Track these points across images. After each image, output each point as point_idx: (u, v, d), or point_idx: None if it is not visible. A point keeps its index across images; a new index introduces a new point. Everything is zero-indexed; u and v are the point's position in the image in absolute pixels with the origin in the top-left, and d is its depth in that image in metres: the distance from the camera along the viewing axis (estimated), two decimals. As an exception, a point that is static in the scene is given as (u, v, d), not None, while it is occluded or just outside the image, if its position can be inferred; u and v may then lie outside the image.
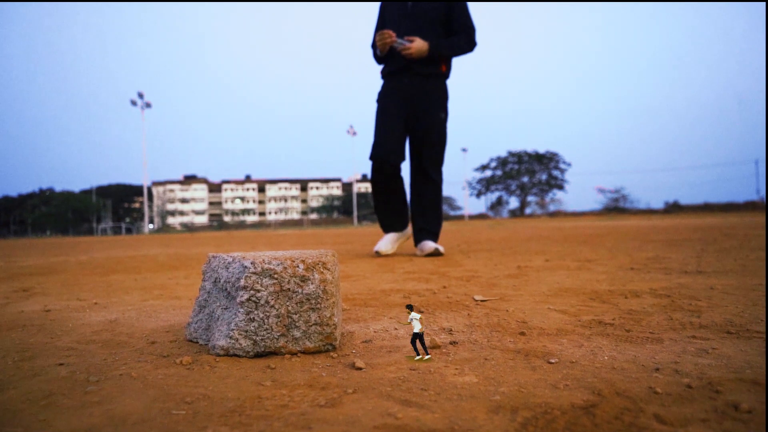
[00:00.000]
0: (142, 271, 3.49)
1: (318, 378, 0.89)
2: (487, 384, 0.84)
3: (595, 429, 0.65)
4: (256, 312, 1.04)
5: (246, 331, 1.04)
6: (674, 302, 1.53)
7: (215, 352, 1.05)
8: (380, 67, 4.07)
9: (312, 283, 1.06)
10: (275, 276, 1.05)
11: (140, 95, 45.21)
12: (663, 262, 2.73)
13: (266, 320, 1.04)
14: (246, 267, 1.05)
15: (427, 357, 0.99)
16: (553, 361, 0.95)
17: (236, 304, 1.05)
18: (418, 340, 1.01)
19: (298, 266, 1.06)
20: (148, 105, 45.58)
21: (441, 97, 3.92)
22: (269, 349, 1.04)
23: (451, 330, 1.24)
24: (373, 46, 4.03)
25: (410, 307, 1.02)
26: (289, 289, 1.05)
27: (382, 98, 3.97)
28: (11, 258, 6.47)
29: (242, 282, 1.04)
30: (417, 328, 1.00)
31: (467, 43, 3.84)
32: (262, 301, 1.04)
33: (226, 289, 1.11)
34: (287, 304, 1.05)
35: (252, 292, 1.04)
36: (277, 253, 1.15)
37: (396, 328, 1.29)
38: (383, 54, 3.84)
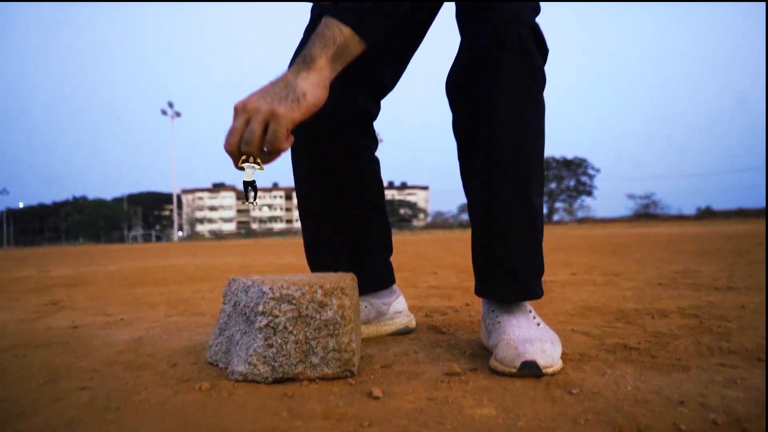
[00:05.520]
0: (169, 284, 3.54)
1: (334, 408, 0.89)
2: (505, 416, 0.83)
3: (614, 472, 0.63)
4: (274, 338, 1.04)
5: (264, 357, 1.04)
6: (702, 323, 1.49)
7: (234, 378, 1.05)
8: None
9: (330, 309, 1.05)
10: (293, 302, 1.05)
11: (170, 105, 46.07)
12: (692, 277, 2.67)
13: (284, 346, 1.04)
14: (265, 292, 1.05)
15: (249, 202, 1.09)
16: (574, 391, 0.93)
17: (255, 330, 1.05)
18: (249, 187, 1.08)
19: (316, 292, 1.06)
20: (178, 114, 46.39)
21: None
22: (287, 375, 1.04)
23: (472, 354, 1.23)
24: None
25: (246, 159, 1.03)
26: (307, 315, 1.05)
27: None
28: (44, 267, 6.61)
29: (261, 307, 1.05)
30: (247, 176, 1.05)
31: None
32: (281, 327, 1.04)
33: (245, 314, 1.11)
34: (305, 330, 1.05)
35: (270, 317, 1.04)
36: (296, 277, 1.15)
37: (416, 351, 1.27)
38: None
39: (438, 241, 15.19)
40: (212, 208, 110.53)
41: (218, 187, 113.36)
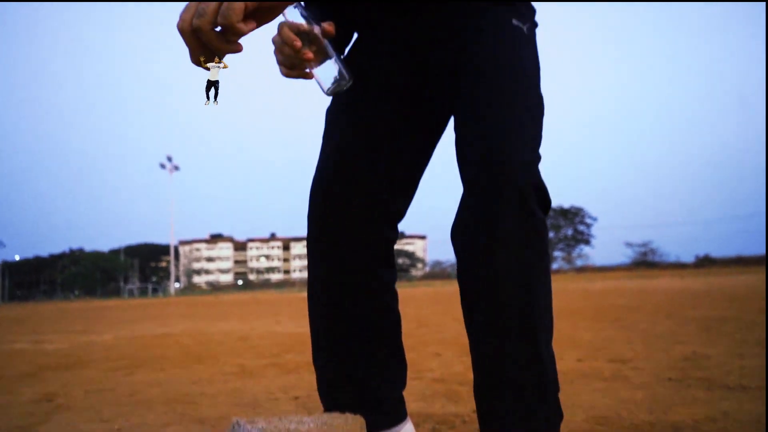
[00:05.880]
0: (166, 366, 3.47)
1: None
2: None
3: None
4: (280, 501, 0.99)
5: None
6: (722, 448, 1.44)
7: None
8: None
9: (338, 471, 1.01)
10: (300, 463, 1.00)
11: (169, 158, 46.54)
12: (702, 366, 2.62)
13: None
14: (270, 452, 1.01)
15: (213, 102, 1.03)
16: None
17: (260, 491, 1.00)
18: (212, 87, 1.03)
19: (323, 451, 1.01)
20: (176, 168, 46.79)
21: (502, 5, 1.23)
22: None
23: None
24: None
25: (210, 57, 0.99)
26: (314, 476, 1.00)
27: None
28: (38, 336, 6.52)
29: (266, 469, 1.00)
30: (212, 76, 1.01)
31: None
32: (287, 490, 0.99)
33: (250, 469, 1.06)
34: (313, 492, 1.00)
35: (276, 479, 1.00)
36: (303, 426, 1.11)
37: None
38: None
39: (438, 297, 15.10)
40: (209, 259, 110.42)
41: (216, 238, 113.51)
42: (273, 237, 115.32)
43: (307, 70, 1.10)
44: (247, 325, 6.94)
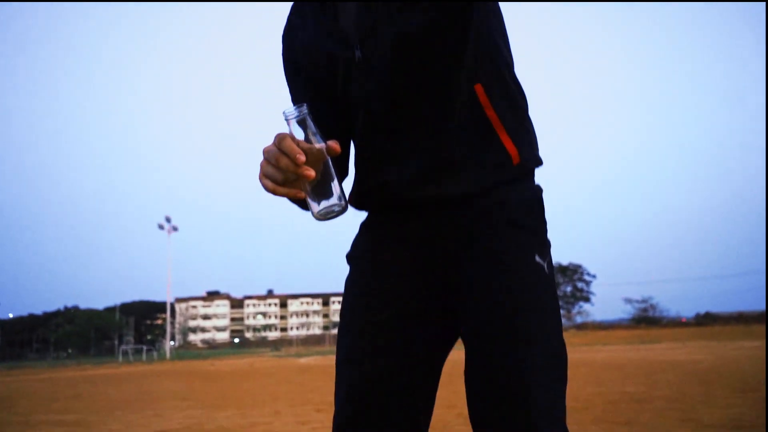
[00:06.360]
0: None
1: None
2: None
3: None
4: None
5: None
6: None
7: None
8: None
9: None
10: None
11: (167, 219, 46.54)
12: None
13: None
14: None
15: None
16: None
17: None
18: None
19: None
20: (175, 229, 46.75)
21: (525, 231, 1.15)
22: None
23: None
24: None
25: None
26: None
27: (358, 284, 1.24)
28: (28, 429, 6.27)
29: None
30: None
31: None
32: None
33: None
34: None
35: None
36: None
37: None
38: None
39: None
40: (206, 317, 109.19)
41: (212, 296, 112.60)
42: (270, 294, 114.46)
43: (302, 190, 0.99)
44: (246, 419, 6.71)
